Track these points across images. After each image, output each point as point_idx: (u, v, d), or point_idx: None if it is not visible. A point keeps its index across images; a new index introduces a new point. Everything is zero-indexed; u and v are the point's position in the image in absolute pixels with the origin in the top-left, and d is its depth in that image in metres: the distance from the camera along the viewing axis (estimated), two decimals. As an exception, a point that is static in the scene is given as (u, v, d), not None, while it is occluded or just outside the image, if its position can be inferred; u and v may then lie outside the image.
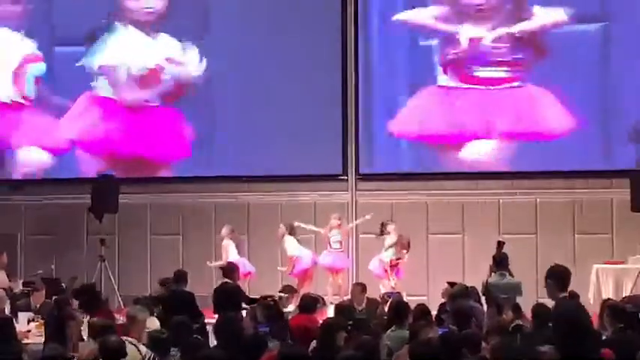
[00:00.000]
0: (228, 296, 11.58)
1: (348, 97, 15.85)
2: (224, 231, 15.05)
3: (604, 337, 8.77)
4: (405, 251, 14.45)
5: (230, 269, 12.49)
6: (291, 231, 14.88)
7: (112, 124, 16.46)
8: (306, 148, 15.82)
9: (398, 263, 14.40)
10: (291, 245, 14.83)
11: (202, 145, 16.25)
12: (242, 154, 16.10)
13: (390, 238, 14.46)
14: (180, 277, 12.17)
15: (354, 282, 13.18)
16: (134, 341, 8.27)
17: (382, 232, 14.52)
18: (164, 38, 16.34)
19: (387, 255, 14.40)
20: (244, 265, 14.58)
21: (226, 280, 12.19)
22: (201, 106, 16.23)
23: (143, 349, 8.23)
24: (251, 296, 12.17)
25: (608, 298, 11.43)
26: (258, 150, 16.00)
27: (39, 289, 12.68)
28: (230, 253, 14.85)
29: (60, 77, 16.57)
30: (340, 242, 14.85)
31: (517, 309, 10.24)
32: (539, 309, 9.32)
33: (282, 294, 12.23)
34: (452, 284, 11.62)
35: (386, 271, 14.38)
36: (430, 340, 7.91)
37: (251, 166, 16.08)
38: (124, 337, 8.15)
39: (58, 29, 16.48)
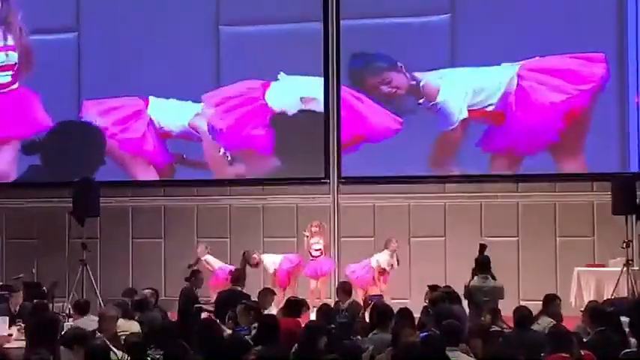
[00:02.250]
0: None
1: (330, 99, 15.85)
2: (200, 249, 15.02)
3: (585, 340, 8.81)
4: (397, 260, 14.50)
5: (239, 276, 12.56)
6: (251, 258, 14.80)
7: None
8: (288, 151, 15.83)
9: (387, 270, 14.44)
10: (267, 262, 14.83)
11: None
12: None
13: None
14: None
15: (340, 282, 13.12)
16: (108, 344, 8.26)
17: (386, 246, 14.51)
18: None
19: (381, 261, 14.40)
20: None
21: (236, 286, 12.26)
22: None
23: (119, 353, 8.20)
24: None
25: (593, 301, 11.45)
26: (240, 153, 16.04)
27: (17, 291, 12.61)
28: (214, 263, 14.88)
29: None
30: (320, 250, 14.83)
31: (495, 312, 10.25)
32: (520, 312, 9.34)
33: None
34: (433, 288, 11.63)
35: (373, 278, 14.38)
36: (412, 344, 7.90)
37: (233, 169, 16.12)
38: None
39: None
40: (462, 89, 15.36)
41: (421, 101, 15.47)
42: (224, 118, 16.03)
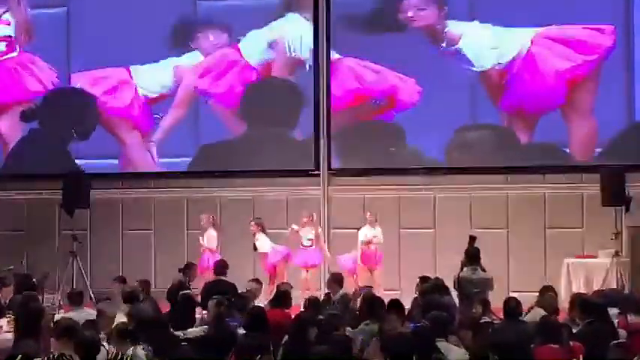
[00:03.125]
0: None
1: (320, 93, 15.86)
2: (204, 220, 15.13)
3: (574, 331, 8.85)
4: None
5: (223, 266, 12.55)
6: (262, 228, 14.91)
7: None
8: (279, 143, 15.85)
9: (371, 241, 14.52)
10: (263, 242, 14.85)
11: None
12: (215, 149, 16.15)
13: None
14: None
15: (331, 273, 13.12)
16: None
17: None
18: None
19: (361, 235, 14.57)
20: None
21: (220, 277, 12.25)
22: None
23: (110, 348, 8.20)
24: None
25: (578, 293, 11.50)
26: (230, 145, 16.03)
27: (7, 284, 12.59)
28: (209, 242, 14.92)
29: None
30: (311, 240, 14.85)
31: (485, 303, 10.29)
32: (510, 303, 9.38)
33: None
34: (424, 279, 11.66)
35: (364, 254, 14.45)
36: (401, 335, 7.92)
37: (223, 161, 16.13)
38: None
39: None
40: (481, 43, 15.43)
41: (443, 45, 15.45)
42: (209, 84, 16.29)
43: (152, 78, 16.51)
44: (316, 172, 15.89)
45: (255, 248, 14.90)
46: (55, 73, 16.74)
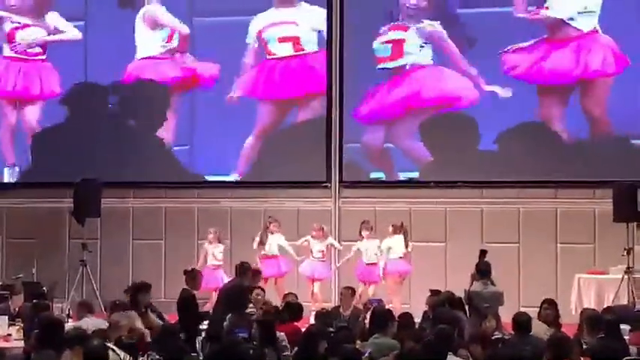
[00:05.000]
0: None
1: (332, 105, 15.86)
2: (211, 236, 15.14)
3: (584, 347, 8.81)
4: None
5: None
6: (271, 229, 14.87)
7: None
8: (290, 154, 15.85)
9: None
10: (274, 244, 14.80)
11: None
12: (225, 159, 16.15)
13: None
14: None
15: (343, 287, 13.03)
16: (111, 345, 8.25)
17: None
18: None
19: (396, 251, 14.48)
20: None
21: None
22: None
23: (121, 353, 8.20)
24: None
25: (586, 308, 11.45)
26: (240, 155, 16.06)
27: (17, 292, 12.60)
28: (210, 258, 14.93)
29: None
30: (322, 252, 14.82)
31: (496, 318, 10.25)
32: (520, 317, 9.34)
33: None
34: (436, 292, 11.63)
35: (379, 276, 14.36)
36: (413, 349, 7.92)
37: (234, 172, 16.12)
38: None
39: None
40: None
41: None
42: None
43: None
44: (327, 184, 15.89)
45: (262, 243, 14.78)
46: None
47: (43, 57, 17.07)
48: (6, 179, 17.02)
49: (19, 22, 17.21)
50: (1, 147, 17.11)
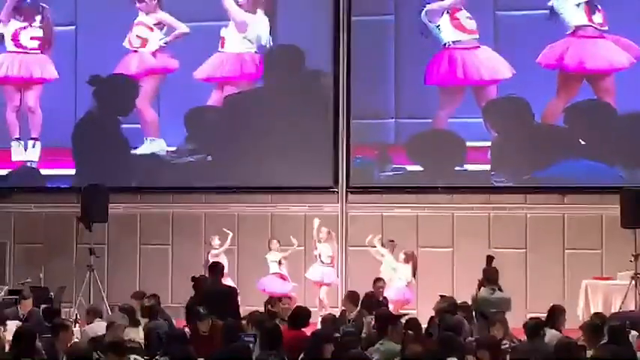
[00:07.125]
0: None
1: (339, 109, 15.87)
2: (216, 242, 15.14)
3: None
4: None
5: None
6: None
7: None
8: (297, 159, 15.85)
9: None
10: (272, 258, 14.81)
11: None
12: (233, 164, 16.15)
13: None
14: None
15: (347, 291, 13.03)
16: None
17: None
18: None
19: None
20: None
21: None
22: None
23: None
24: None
25: (596, 313, 11.40)
26: (248, 161, 16.04)
27: (26, 297, 12.62)
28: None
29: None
30: (331, 257, 14.81)
31: (504, 324, 10.22)
32: (531, 322, 9.32)
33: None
34: (443, 298, 11.59)
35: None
36: (417, 354, 7.90)
37: (242, 177, 16.12)
38: None
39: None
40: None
41: None
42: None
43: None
44: (334, 189, 15.89)
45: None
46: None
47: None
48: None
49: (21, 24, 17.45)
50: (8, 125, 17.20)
